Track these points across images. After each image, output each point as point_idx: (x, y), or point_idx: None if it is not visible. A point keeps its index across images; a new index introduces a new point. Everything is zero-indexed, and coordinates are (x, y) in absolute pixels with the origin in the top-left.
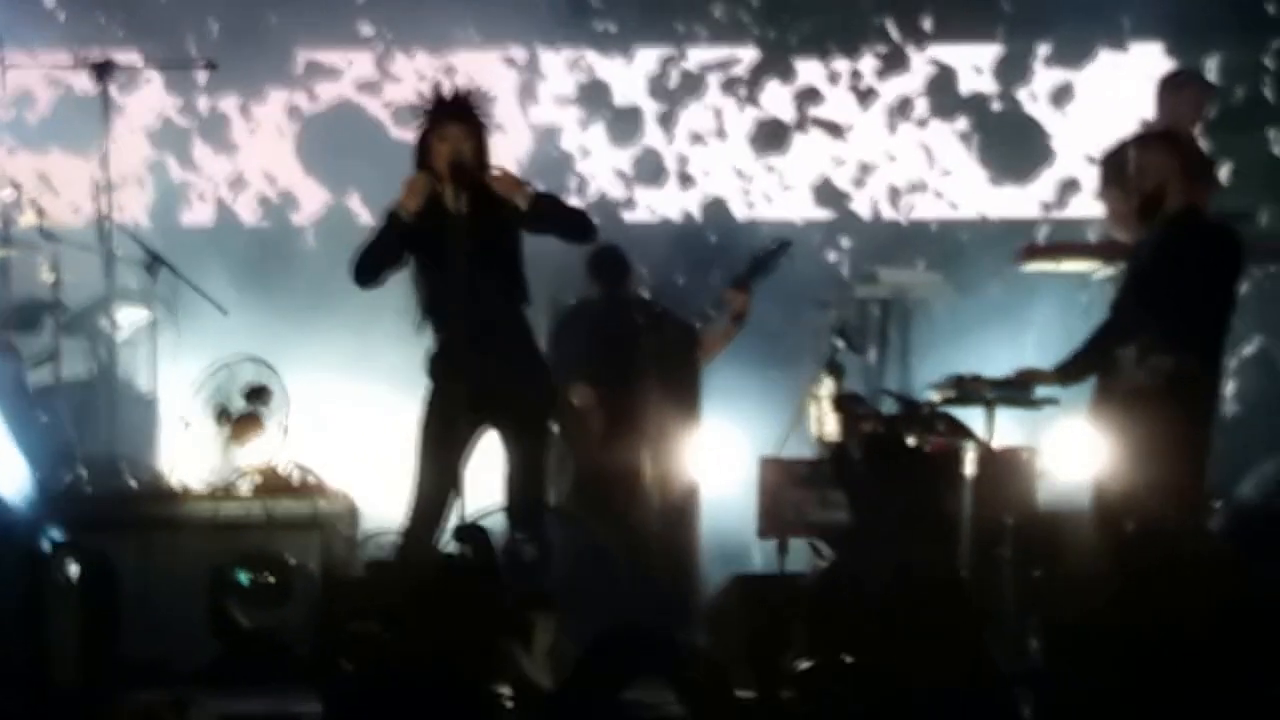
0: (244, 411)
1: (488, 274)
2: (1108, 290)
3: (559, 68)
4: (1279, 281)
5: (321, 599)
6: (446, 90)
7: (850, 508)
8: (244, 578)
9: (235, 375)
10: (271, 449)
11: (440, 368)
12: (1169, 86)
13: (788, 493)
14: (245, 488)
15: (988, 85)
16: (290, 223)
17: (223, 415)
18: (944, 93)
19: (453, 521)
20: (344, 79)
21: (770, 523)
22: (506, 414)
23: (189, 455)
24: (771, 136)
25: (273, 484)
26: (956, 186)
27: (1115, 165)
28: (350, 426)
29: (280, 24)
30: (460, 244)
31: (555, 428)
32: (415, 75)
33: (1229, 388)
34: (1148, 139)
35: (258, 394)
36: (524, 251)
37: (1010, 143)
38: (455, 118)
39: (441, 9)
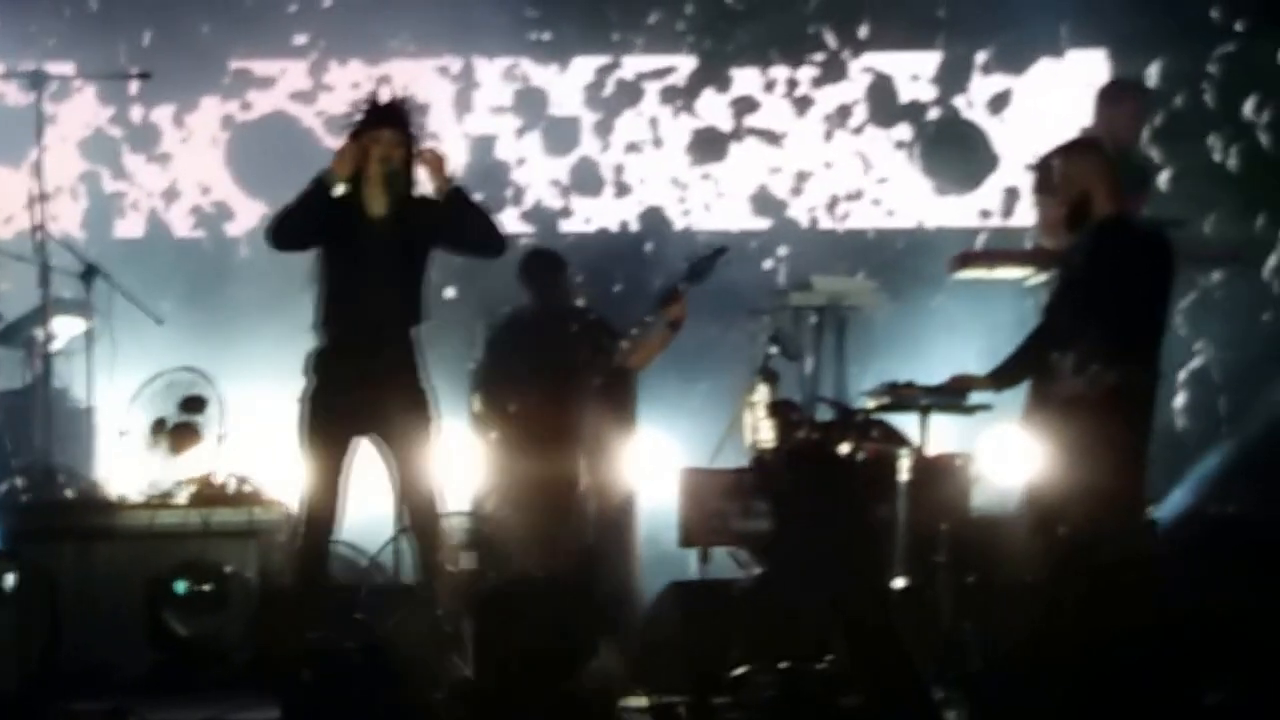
0: (180, 421)
1: (390, 283)
2: (1041, 297)
3: (494, 77)
4: (1230, 291)
5: (258, 607)
6: (380, 97)
7: (772, 516)
8: (181, 586)
9: (172, 385)
10: (208, 459)
11: (322, 368)
12: (1106, 99)
13: (710, 503)
14: (182, 497)
15: (926, 93)
16: (224, 233)
17: (159, 425)
18: (882, 101)
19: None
20: (277, 88)
21: (690, 532)
22: (383, 427)
23: (126, 465)
24: (708, 145)
25: (209, 493)
26: (895, 195)
27: (1045, 173)
28: (286, 436)
29: (213, 33)
30: (371, 248)
31: (492, 435)
32: (349, 85)
33: (1179, 401)
34: (1072, 147)
35: (194, 404)
36: (430, 274)
37: (955, 151)
38: (387, 124)
39: (375, 18)
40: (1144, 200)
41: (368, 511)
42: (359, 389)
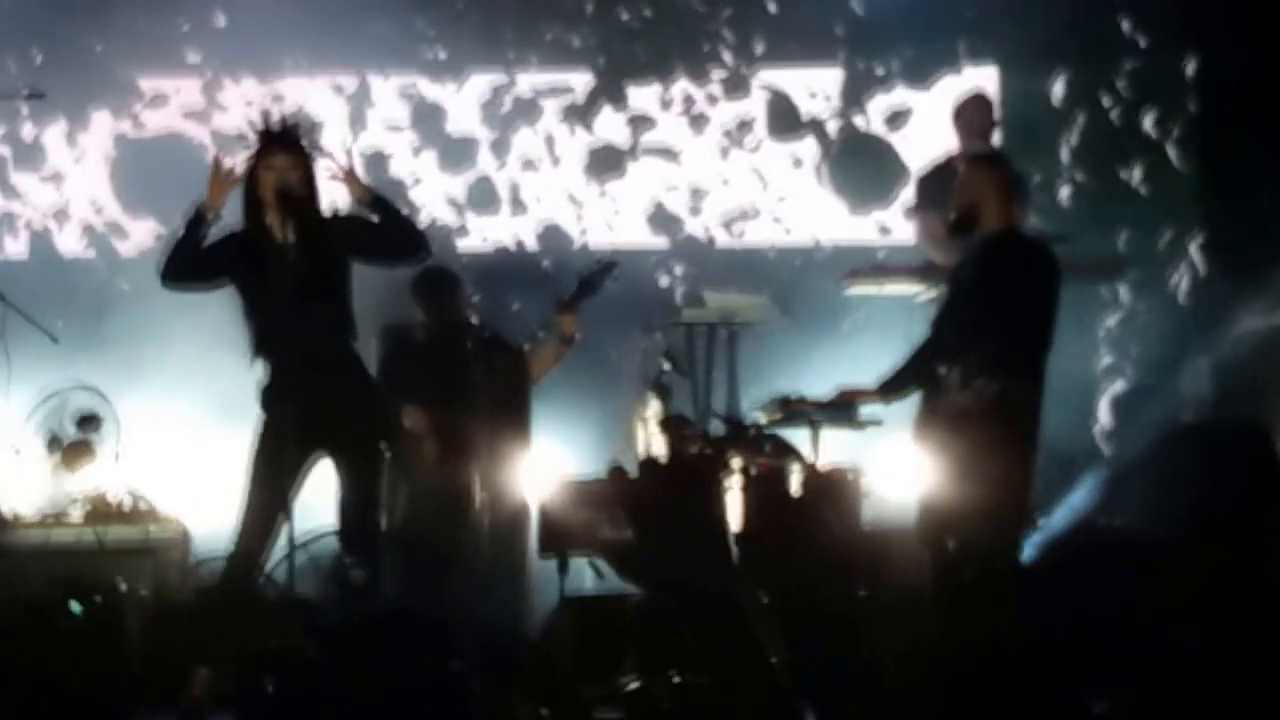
0: (75, 439)
1: (315, 304)
2: (930, 312)
3: (389, 94)
4: (1154, 314)
5: (152, 624)
6: (273, 119)
7: (629, 525)
8: (75, 604)
9: (66, 403)
10: (103, 476)
11: (270, 398)
12: (953, 113)
13: (569, 512)
14: (77, 515)
15: (824, 109)
16: (117, 251)
17: (54, 443)
18: (780, 117)
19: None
20: (170, 106)
21: (547, 540)
22: (337, 442)
23: (20, 483)
24: (605, 162)
25: (104, 511)
26: (794, 212)
27: (929, 188)
28: (181, 452)
29: (106, 51)
30: (287, 273)
31: (388, 452)
32: (243, 102)
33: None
34: (971, 157)
35: (89, 421)
36: (352, 286)
37: (864, 166)
38: (281, 147)
39: (269, 36)
40: (1023, 212)
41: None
42: (309, 411)
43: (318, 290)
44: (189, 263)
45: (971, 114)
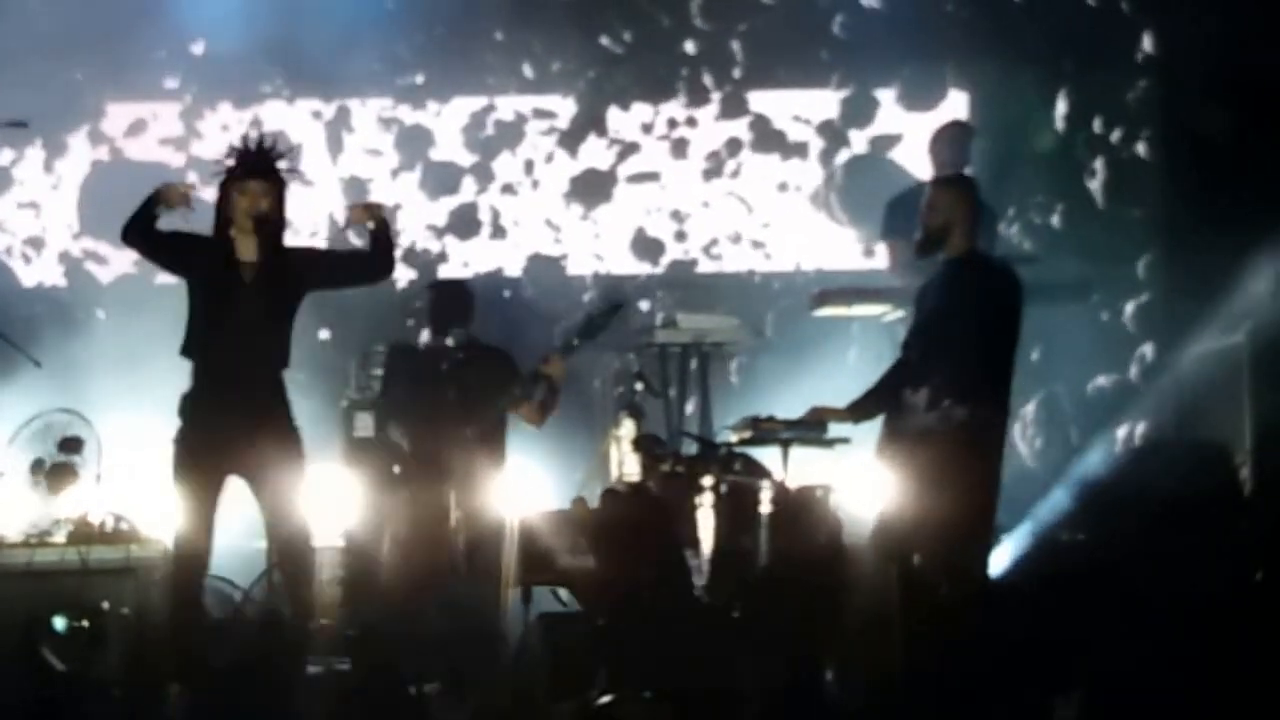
0: (58, 462)
1: (257, 328)
2: (899, 333)
3: (369, 120)
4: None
5: (135, 642)
6: (249, 144)
7: (592, 554)
8: (60, 623)
9: (49, 426)
10: (86, 498)
11: (190, 410)
12: (932, 137)
13: (536, 542)
14: (60, 536)
15: (805, 134)
16: (96, 276)
17: (37, 465)
18: (763, 142)
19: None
20: (149, 134)
21: (516, 572)
22: (251, 465)
23: (3, 505)
24: (587, 188)
25: (87, 532)
26: (776, 236)
27: (898, 215)
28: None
29: (85, 79)
30: (240, 293)
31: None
32: (221, 129)
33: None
34: (944, 179)
35: (71, 444)
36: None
37: (869, 190)
38: (254, 174)
39: (248, 62)
40: (989, 238)
41: (238, 547)
42: (227, 429)
43: (264, 315)
44: (136, 234)
45: (948, 141)
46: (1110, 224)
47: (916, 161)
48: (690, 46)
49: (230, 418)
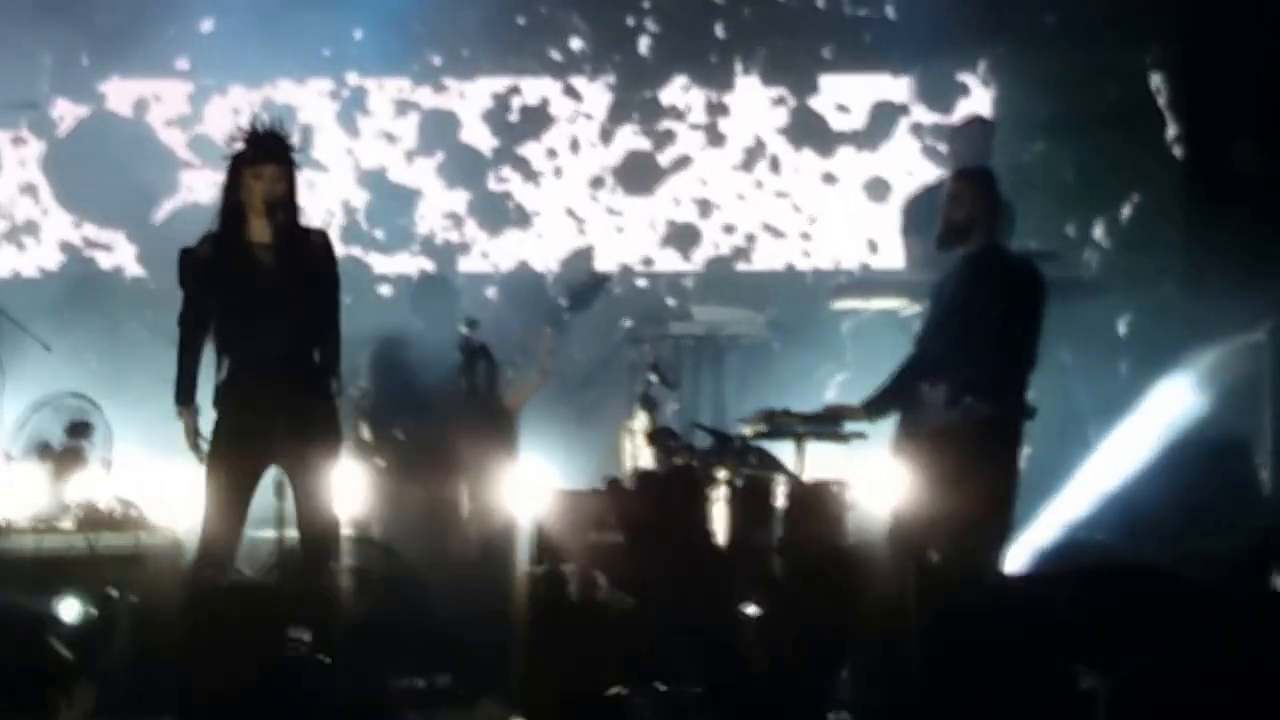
0: (66, 446)
1: (283, 310)
2: (915, 327)
3: (385, 103)
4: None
5: (144, 630)
6: (262, 126)
7: (622, 535)
8: (67, 611)
9: (58, 411)
10: (94, 483)
11: (228, 398)
12: (951, 136)
13: (565, 521)
14: (68, 522)
15: (848, 124)
16: (106, 260)
17: (45, 451)
18: (799, 133)
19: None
20: (154, 113)
21: (541, 550)
22: (290, 450)
23: (11, 490)
24: (619, 177)
25: (95, 518)
26: (817, 231)
27: (917, 212)
28: (171, 461)
29: (91, 60)
30: (264, 279)
31: (380, 463)
32: (231, 111)
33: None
34: (971, 173)
35: (80, 429)
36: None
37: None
38: (270, 159)
39: (263, 43)
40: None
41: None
42: (269, 414)
43: (289, 297)
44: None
45: (971, 138)
46: (1130, 221)
47: None
48: (722, 32)
49: (271, 402)
